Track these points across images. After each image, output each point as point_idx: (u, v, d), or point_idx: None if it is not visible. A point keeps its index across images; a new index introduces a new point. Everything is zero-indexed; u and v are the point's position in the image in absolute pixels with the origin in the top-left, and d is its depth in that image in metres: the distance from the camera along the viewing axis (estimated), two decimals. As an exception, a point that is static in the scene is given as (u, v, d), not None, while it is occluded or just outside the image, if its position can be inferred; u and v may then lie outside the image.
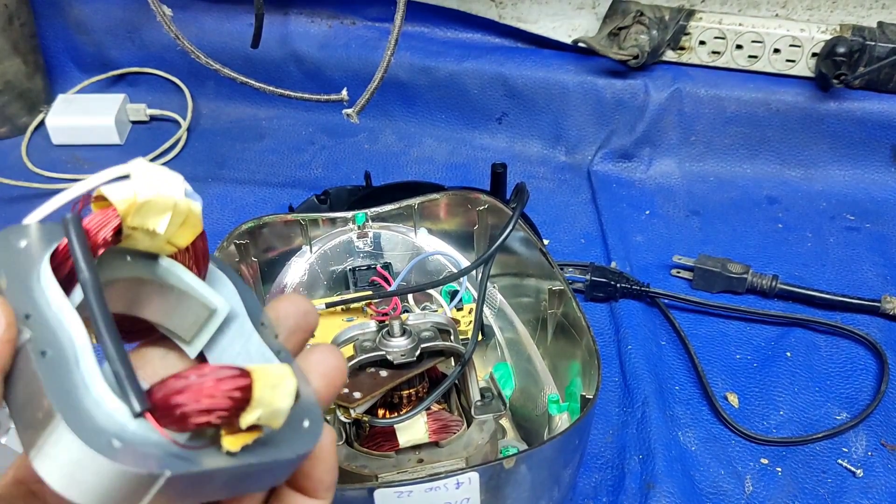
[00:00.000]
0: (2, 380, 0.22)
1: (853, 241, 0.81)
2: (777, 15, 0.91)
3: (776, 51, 0.88)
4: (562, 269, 0.71)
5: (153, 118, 0.98)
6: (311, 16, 0.97)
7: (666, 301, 0.73)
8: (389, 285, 0.59)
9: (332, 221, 0.62)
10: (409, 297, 0.59)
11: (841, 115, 0.87)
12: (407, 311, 0.56)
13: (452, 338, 0.52)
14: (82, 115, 0.94)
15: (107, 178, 0.25)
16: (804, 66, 0.88)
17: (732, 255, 0.75)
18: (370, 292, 0.58)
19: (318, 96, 0.76)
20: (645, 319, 0.71)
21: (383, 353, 0.49)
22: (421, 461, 0.49)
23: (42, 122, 0.95)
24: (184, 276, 0.27)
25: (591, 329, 0.52)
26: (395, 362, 0.50)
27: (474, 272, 0.59)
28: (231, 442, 0.23)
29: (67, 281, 0.24)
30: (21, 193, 0.85)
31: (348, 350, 0.51)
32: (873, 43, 0.84)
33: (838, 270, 0.78)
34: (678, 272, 0.76)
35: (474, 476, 0.42)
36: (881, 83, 0.87)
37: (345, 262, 0.63)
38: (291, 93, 0.77)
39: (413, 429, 0.49)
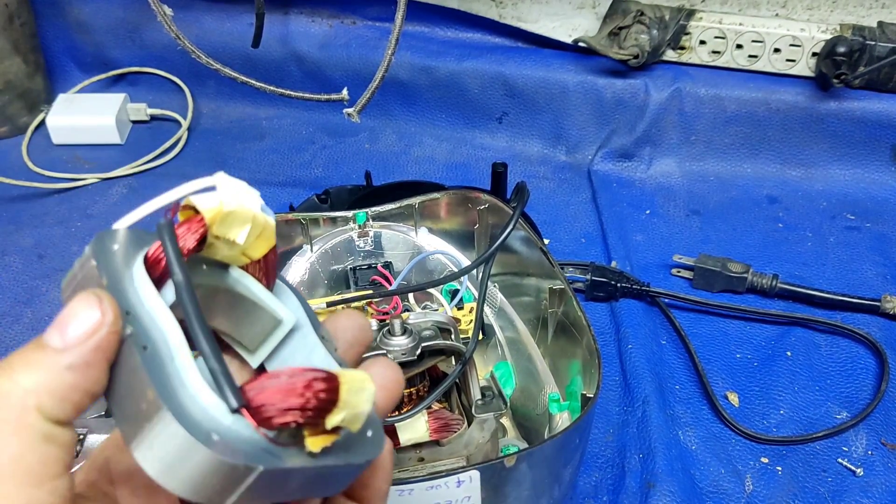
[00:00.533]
0: (107, 369, 0.24)
1: (853, 240, 0.81)
2: (777, 15, 0.91)
3: (776, 50, 0.88)
4: (562, 268, 0.71)
5: (154, 118, 0.98)
6: (312, 15, 0.97)
7: (666, 300, 0.73)
8: (390, 284, 0.59)
9: (333, 220, 0.63)
10: (410, 296, 0.59)
11: (841, 115, 0.87)
12: (408, 311, 0.56)
13: (453, 337, 0.52)
14: (83, 114, 0.94)
15: (193, 189, 0.26)
16: (804, 66, 0.88)
17: (733, 255, 0.75)
18: (371, 291, 0.58)
19: (319, 96, 0.76)
20: (645, 319, 0.71)
21: (384, 351, 0.49)
22: (422, 460, 0.49)
23: (42, 122, 0.95)
24: (253, 287, 0.28)
25: (591, 328, 0.52)
26: (395, 361, 0.50)
27: (474, 271, 0.59)
28: (314, 443, 0.24)
29: (157, 283, 0.25)
30: (21, 193, 0.85)
31: None
32: (873, 42, 0.84)
33: (838, 270, 0.78)
34: (678, 271, 0.76)
35: (475, 474, 0.42)
36: (881, 83, 0.87)
37: (345, 261, 0.63)
38: (292, 92, 0.77)
39: (414, 427, 0.50)
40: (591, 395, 0.48)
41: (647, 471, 0.58)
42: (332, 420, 0.24)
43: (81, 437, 0.59)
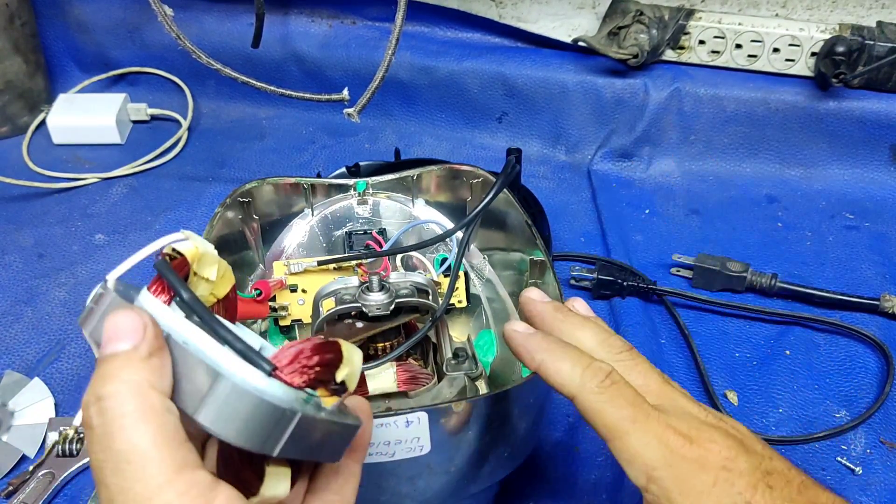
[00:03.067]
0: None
1: (852, 239, 0.82)
2: (777, 14, 0.92)
3: (775, 50, 0.88)
4: (565, 259, 0.71)
5: (154, 118, 0.98)
6: (312, 15, 0.98)
7: (672, 299, 0.73)
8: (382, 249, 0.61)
9: (335, 187, 0.64)
10: (399, 262, 0.61)
11: (840, 115, 0.87)
12: (396, 274, 0.58)
13: (430, 298, 0.54)
14: (83, 114, 0.94)
15: (169, 241, 0.33)
16: (803, 66, 0.89)
17: (732, 254, 0.75)
18: (358, 253, 0.61)
19: (319, 96, 0.76)
20: (644, 317, 0.71)
21: (359, 305, 0.52)
22: (389, 409, 0.51)
23: (43, 122, 0.95)
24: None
25: (562, 298, 0.53)
26: (370, 315, 0.52)
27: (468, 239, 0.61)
28: (328, 401, 0.31)
29: None
30: (22, 193, 0.86)
31: (330, 303, 0.53)
32: (872, 42, 0.85)
33: (837, 269, 0.78)
34: (678, 271, 0.76)
35: (423, 416, 0.43)
36: (880, 82, 0.87)
37: (344, 226, 0.65)
38: (292, 92, 0.77)
39: (382, 377, 0.52)
40: None
41: (646, 469, 0.59)
42: (340, 374, 0.31)
43: (81, 435, 0.59)
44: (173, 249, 0.33)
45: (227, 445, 0.29)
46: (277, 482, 0.30)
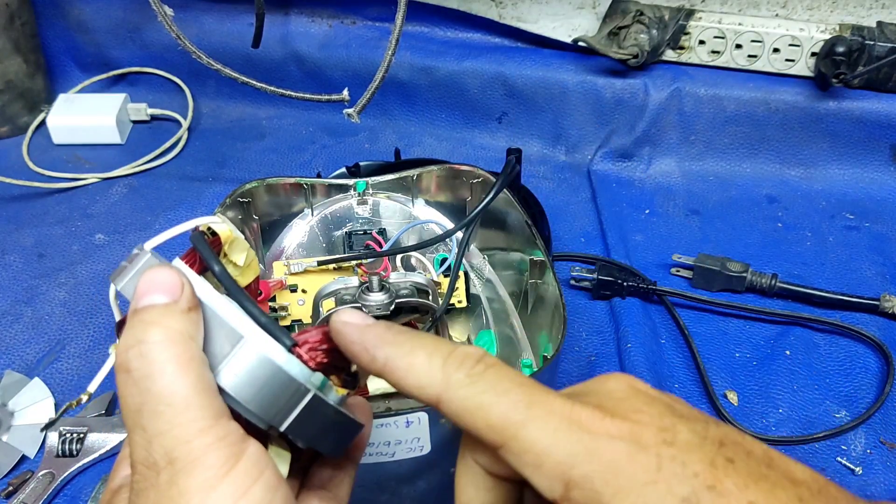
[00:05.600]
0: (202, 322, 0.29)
1: (852, 240, 0.82)
2: (777, 15, 0.92)
3: (776, 50, 0.88)
4: (565, 259, 0.71)
5: (154, 118, 0.98)
6: (312, 15, 0.98)
7: (672, 299, 0.73)
8: (382, 249, 0.61)
9: (335, 187, 0.64)
10: (398, 261, 0.61)
11: (840, 115, 0.87)
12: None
13: (430, 298, 0.55)
14: (83, 114, 0.94)
15: (206, 221, 0.34)
16: (803, 66, 0.89)
17: (732, 254, 0.75)
18: (358, 253, 0.61)
19: (319, 96, 0.76)
20: (644, 317, 0.71)
21: (359, 305, 0.53)
22: (389, 409, 0.52)
23: (43, 122, 0.95)
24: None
25: (562, 298, 0.53)
26: (370, 315, 0.52)
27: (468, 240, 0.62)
28: (338, 390, 0.31)
29: None
30: (22, 193, 0.86)
31: (330, 303, 0.54)
32: (872, 42, 0.85)
33: (837, 269, 0.78)
34: (678, 271, 0.76)
35: (423, 416, 0.44)
36: (880, 82, 0.87)
37: (344, 226, 0.65)
38: (292, 93, 0.77)
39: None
40: (550, 356, 0.50)
41: (646, 469, 0.59)
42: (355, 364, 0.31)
43: (81, 435, 0.59)
44: (209, 228, 0.35)
45: (235, 417, 0.29)
46: (276, 464, 0.30)
